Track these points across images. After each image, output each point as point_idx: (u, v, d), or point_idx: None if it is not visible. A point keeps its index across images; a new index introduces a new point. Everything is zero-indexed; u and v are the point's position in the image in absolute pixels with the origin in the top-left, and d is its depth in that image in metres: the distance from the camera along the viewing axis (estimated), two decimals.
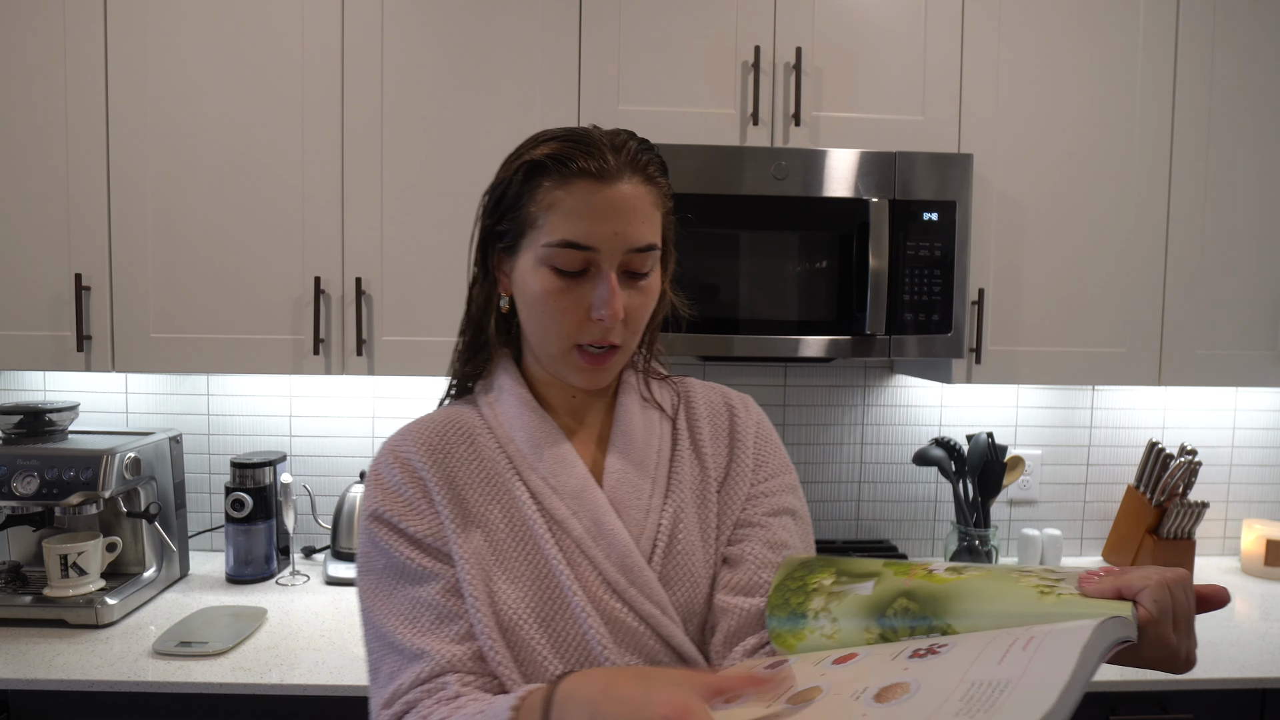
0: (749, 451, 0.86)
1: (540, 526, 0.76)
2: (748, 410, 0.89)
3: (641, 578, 0.75)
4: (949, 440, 1.86)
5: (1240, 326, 1.74)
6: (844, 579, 0.70)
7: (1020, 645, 0.51)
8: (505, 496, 0.78)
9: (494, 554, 0.75)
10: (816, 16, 1.64)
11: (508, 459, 0.80)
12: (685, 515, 0.80)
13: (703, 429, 0.86)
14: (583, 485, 0.78)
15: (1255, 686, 1.40)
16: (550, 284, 0.75)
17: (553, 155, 0.74)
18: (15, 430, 1.64)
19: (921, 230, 1.59)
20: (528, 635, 0.72)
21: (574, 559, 0.75)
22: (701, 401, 0.88)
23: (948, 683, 0.50)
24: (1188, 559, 1.86)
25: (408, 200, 1.62)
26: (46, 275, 1.60)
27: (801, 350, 1.59)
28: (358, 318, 1.61)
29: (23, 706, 1.34)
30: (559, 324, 0.76)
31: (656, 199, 0.77)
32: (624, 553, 0.75)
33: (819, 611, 0.69)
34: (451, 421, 0.82)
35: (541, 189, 0.75)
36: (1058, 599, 0.57)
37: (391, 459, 0.79)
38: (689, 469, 0.83)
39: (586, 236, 0.73)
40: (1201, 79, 1.70)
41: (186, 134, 1.60)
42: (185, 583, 1.76)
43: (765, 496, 0.84)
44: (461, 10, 1.61)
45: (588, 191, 0.73)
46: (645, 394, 0.86)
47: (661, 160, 0.79)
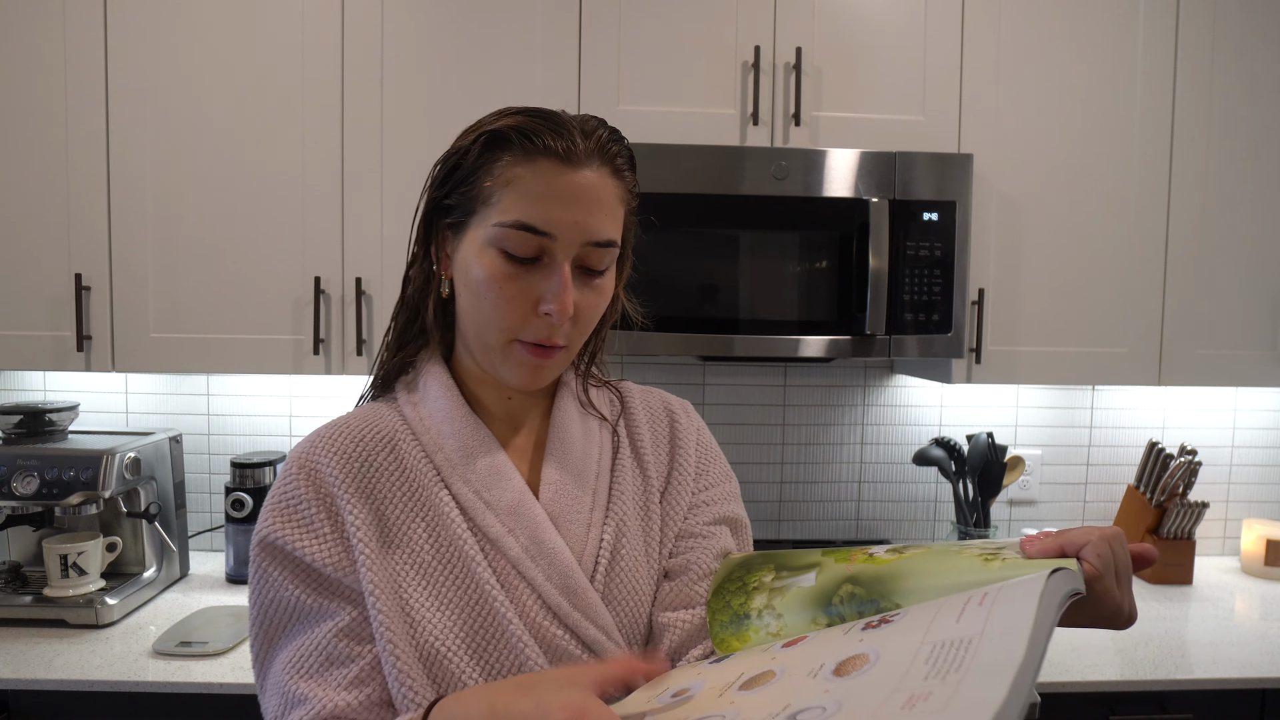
0: (691, 459, 0.81)
1: (471, 546, 0.68)
2: (689, 417, 0.85)
3: (585, 600, 0.69)
4: (949, 440, 1.86)
5: (1240, 326, 1.74)
6: (784, 574, 0.68)
7: (975, 603, 0.49)
8: (431, 512, 0.70)
9: (417, 577, 0.68)
10: (816, 16, 1.64)
11: (434, 469, 0.72)
12: (628, 529, 0.74)
13: (643, 436, 0.81)
14: (519, 499, 0.71)
15: (1255, 686, 1.40)
16: (498, 268, 0.67)
17: (517, 128, 0.67)
18: (15, 430, 1.64)
19: (921, 230, 1.59)
20: (457, 666, 0.65)
21: (509, 581, 0.68)
22: (640, 407, 0.83)
23: (907, 648, 0.47)
24: (1188, 559, 1.86)
25: (408, 200, 1.62)
26: (46, 275, 1.60)
27: (801, 350, 1.59)
28: (358, 318, 1.61)
29: (23, 706, 1.34)
30: (501, 314, 0.68)
31: (622, 194, 0.71)
32: (566, 573, 0.69)
33: (762, 610, 0.66)
34: (370, 424, 0.74)
35: (501, 163, 0.68)
36: (1003, 563, 0.57)
37: (298, 470, 0.70)
38: (630, 478, 0.77)
39: (545, 221, 0.66)
40: (1201, 79, 1.70)
41: (186, 134, 1.60)
42: (185, 583, 1.76)
43: (707, 505, 0.79)
44: (461, 10, 1.61)
45: (551, 172, 0.67)
46: (583, 399, 0.80)
47: (631, 154, 0.73)
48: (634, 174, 0.74)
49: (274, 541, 0.68)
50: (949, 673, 0.42)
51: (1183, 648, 1.50)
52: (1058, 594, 0.48)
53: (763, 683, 0.52)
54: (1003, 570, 0.56)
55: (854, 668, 0.48)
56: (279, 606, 0.68)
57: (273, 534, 0.68)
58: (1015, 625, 0.43)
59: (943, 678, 0.42)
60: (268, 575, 0.68)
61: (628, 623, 0.72)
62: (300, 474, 0.70)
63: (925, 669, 0.43)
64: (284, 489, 0.70)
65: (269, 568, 0.68)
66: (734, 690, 0.53)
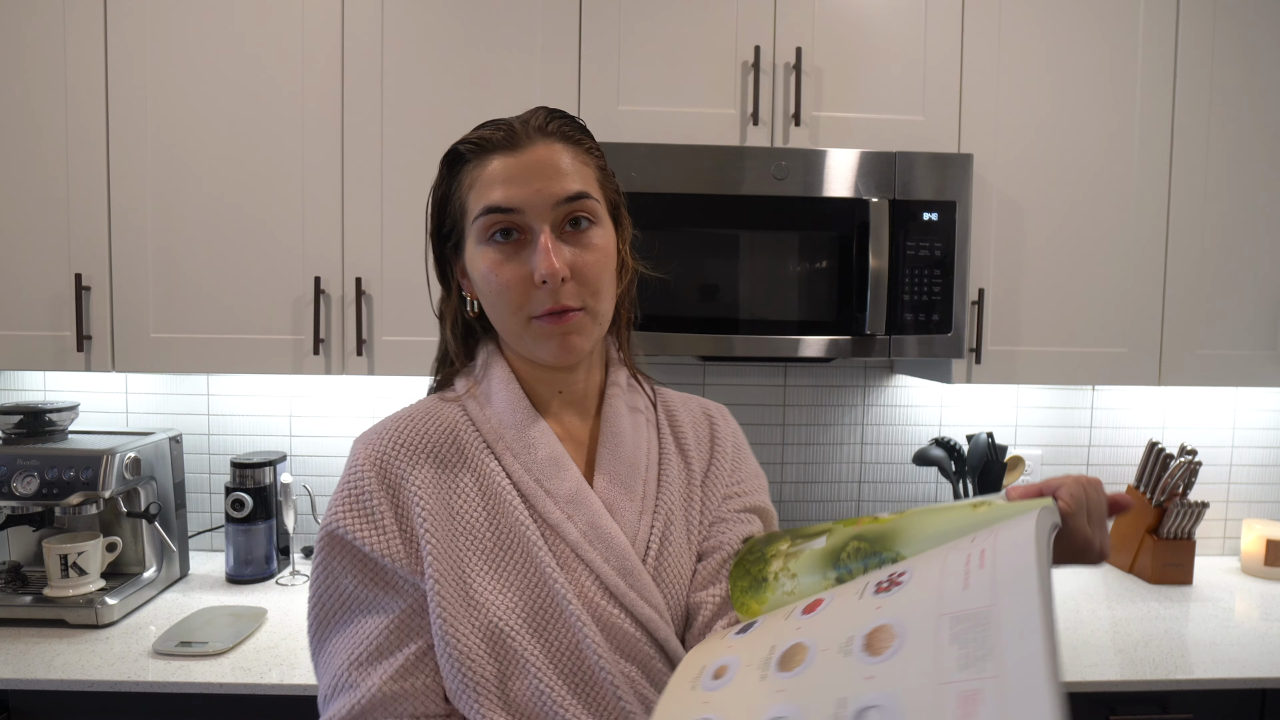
0: (728, 455, 0.87)
1: (532, 531, 0.73)
2: (725, 420, 0.91)
3: (640, 581, 0.74)
4: (949, 440, 1.86)
5: (1240, 326, 1.74)
6: (798, 541, 0.74)
7: (976, 564, 0.52)
8: (492, 499, 0.74)
9: (480, 560, 0.72)
10: (816, 16, 1.64)
11: (495, 458, 0.76)
12: (675, 517, 0.80)
13: (687, 432, 0.87)
14: (577, 489, 0.75)
15: (1255, 686, 1.40)
16: (490, 258, 0.73)
17: (466, 141, 0.76)
18: (15, 430, 1.64)
19: (921, 230, 1.59)
20: (519, 644, 0.69)
21: (568, 564, 0.73)
22: (681, 408, 0.89)
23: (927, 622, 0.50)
24: (1188, 559, 1.86)
25: (408, 200, 1.62)
26: (46, 275, 1.60)
27: (801, 350, 1.59)
28: (358, 318, 1.61)
29: (23, 706, 1.34)
30: (508, 298, 0.73)
31: (579, 155, 0.76)
32: (623, 556, 0.74)
33: (778, 573, 0.72)
34: (433, 416, 0.78)
35: (464, 175, 0.76)
36: (989, 508, 0.63)
37: (366, 461, 0.74)
38: (676, 470, 0.83)
39: (506, 199, 0.72)
40: (1201, 79, 1.70)
41: (186, 134, 1.60)
42: (185, 583, 1.76)
43: (740, 496, 0.85)
44: (461, 10, 1.61)
45: (502, 161, 0.73)
46: (632, 401, 0.85)
47: (579, 124, 0.78)
48: (590, 139, 0.78)
49: (337, 533, 0.72)
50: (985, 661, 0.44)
51: (1183, 648, 1.50)
52: (1044, 531, 0.53)
53: (798, 660, 0.55)
54: (989, 514, 0.62)
55: (884, 643, 0.51)
56: (337, 595, 0.73)
57: (337, 526, 0.72)
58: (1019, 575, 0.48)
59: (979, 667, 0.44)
60: (329, 565, 0.73)
61: (674, 604, 0.76)
62: (368, 465, 0.74)
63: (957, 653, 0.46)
64: (351, 480, 0.74)
65: (330, 558, 0.73)
66: (774, 672, 0.55)
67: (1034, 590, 0.46)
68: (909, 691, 0.46)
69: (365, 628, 0.71)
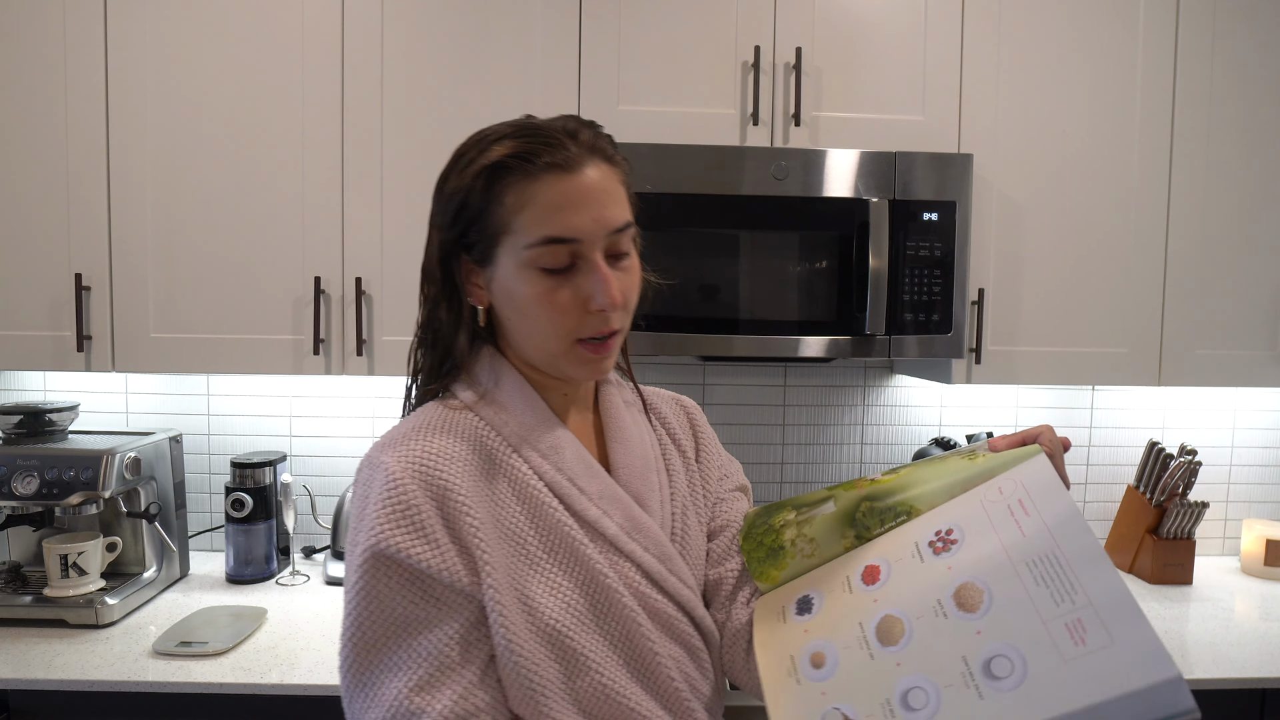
0: (710, 441, 0.94)
1: (575, 529, 0.74)
2: (699, 412, 0.97)
3: (677, 565, 0.78)
4: (949, 440, 1.86)
5: (1240, 326, 1.74)
6: (804, 509, 0.79)
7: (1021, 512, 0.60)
8: (530, 503, 0.74)
9: (528, 566, 0.71)
10: (816, 16, 1.64)
11: (525, 463, 0.75)
12: (687, 502, 0.85)
13: (672, 422, 0.92)
14: (606, 484, 0.78)
15: (1255, 686, 1.40)
16: (541, 285, 0.71)
17: (513, 154, 0.71)
18: (15, 430, 1.64)
19: (921, 230, 1.59)
20: (581, 642, 0.70)
21: (611, 558, 0.75)
22: (659, 401, 0.94)
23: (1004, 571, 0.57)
24: (1188, 559, 1.86)
25: (408, 200, 1.62)
26: (46, 275, 1.60)
27: (801, 350, 1.59)
28: (358, 318, 1.61)
29: (23, 706, 1.34)
30: (557, 324, 0.72)
31: (621, 177, 0.76)
32: (660, 543, 0.78)
33: (795, 539, 0.78)
34: (453, 425, 0.75)
35: (509, 191, 0.71)
36: (986, 459, 0.72)
37: (404, 472, 0.69)
38: (676, 459, 0.88)
39: (567, 229, 0.70)
40: (1201, 79, 1.70)
41: (186, 134, 1.60)
42: (185, 583, 1.76)
43: (729, 477, 0.93)
44: (461, 10, 1.61)
45: (557, 184, 0.70)
46: (625, 396, 0.88)
47: (612, 139, 0.77)
48: (620, 154, 0.78)
49: (385, 551, 0.67)
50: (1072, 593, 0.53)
51: (1183, 648, 1.50)
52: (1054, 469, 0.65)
53: (899, 632, 0.60)
54: (987, 464, 0.71)
55: (975, 599, 0.57)
56: (385, 619, 0.68)
57: (384, 543, 0.67)
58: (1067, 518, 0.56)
59: (1071, 599, 0.53)
60: (373, 589, 0.67)
61: (698, 581, 0.82)
62: (409, 477, 0.69)
63: (1045, 594, 0.54)
64: (396, 496, 0.69)
65: (375, 581, 0.67)
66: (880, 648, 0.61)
67: (1082, 527, 0.55)
68: (1021, 634, 0.53)
69: (422, 649, 0.67)
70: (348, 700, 0.69)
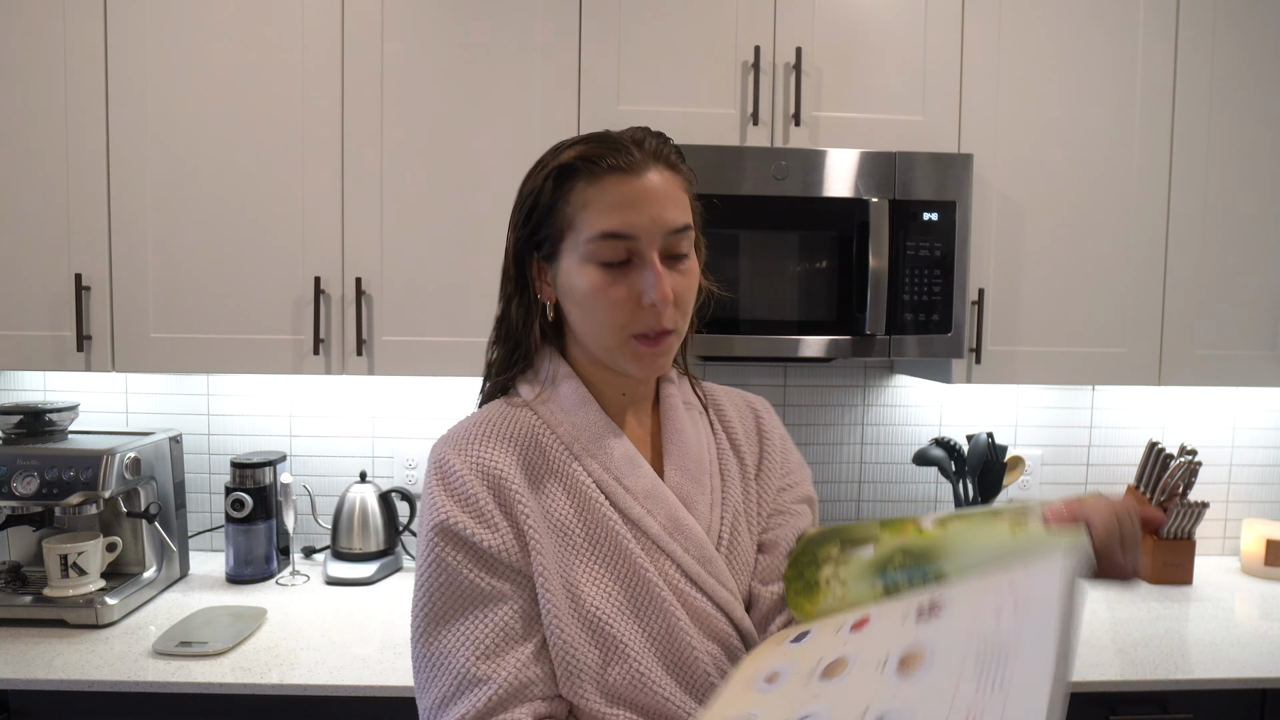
0: (777, 449, 0.92)
1: (620, 525, 0.77)
2: (769, 414, 0.96)
3: (717, 568, 0.79)
4: (949, 440, 1.87)
5: (1240, 326, 1.74)
6: (848, 547, 0.79)
7: (1010, 604, 0.57)
8: (579, 499, 0.78)
9: (574, 556, 0.76)
10: (816, 16, 1.64)
11: (575, 459, 0.80)
12: (739, 508, 0.86)
13: (736, 428, 0.91)
14: (653, 484, 0.80)
15: (1255, 686, 1.40)
16: (597, 279, 0.76)
17: (581, 157, 0.77)
18: (15, 430, 1.64)
19: (921, 230, 1.59)
20: (620, 631, 0.74)
21: (653, 555, 0.77)
22: (728, 403, 0.94)
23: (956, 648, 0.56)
24: (1188, 559, 1.86)
25: (408, 200, 1.62)
26: (46, 275, 1.60)
27: (801, 350, 1.59)
28: (358, 318, 1.61)
29: (23, 706, 1.34)
30: (612, 316, 0.76)
31: (682, 184, 0.80)
32: (701, 545, 0.79)
33: (830, 578, 0.78)
34: (510, 421, 0.81)
35: (575, 190, 0.77)
36: (1027, 534, 0.68)
37: (464, 462, 0.76)
38: (732, 463, 0.88)
39: (624, 226, 0.75)
40: (1201, 79, 1.70)
41: (186, 134, 1.60)
42: (185, 583, 1.76)
43: (791, 488, 0.91)
44: (461, 10, 1.61)
45: (619, 184, 0.75)
46: (686, 397, 0.90)
47: (679, 150, 0.82)
48: (686, 164, 0.83)
49: (451, 527, 0.74)
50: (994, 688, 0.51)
51: (1183, 648, 1.50)
52: (1071, 577, 0.56)
53: (839, 671, 0.62)
54: (1027, 542, 0.67)
55: (914, 665, 0.57)
56: (452, 588, 0.74)
57: (451, 520, 0.74)
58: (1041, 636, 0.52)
59: (989, 692, 0.51)
60: (443, 558, 0.74)
61: (743, 589, 0.83)
62: (471, 471, 0.76)
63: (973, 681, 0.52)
64: (455, 485, 0.76)
65: (445, 551, 0.74)
66: (816, 680, 0.62)
67: (1052, 640, 0.51)
68: (926, 705, 0.53)
69: (490, 618, 0.73)
70: (417, 669, 0.75)
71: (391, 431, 1.97)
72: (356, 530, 1.82)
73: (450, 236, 1.62)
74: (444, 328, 1.63)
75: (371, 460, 1.97)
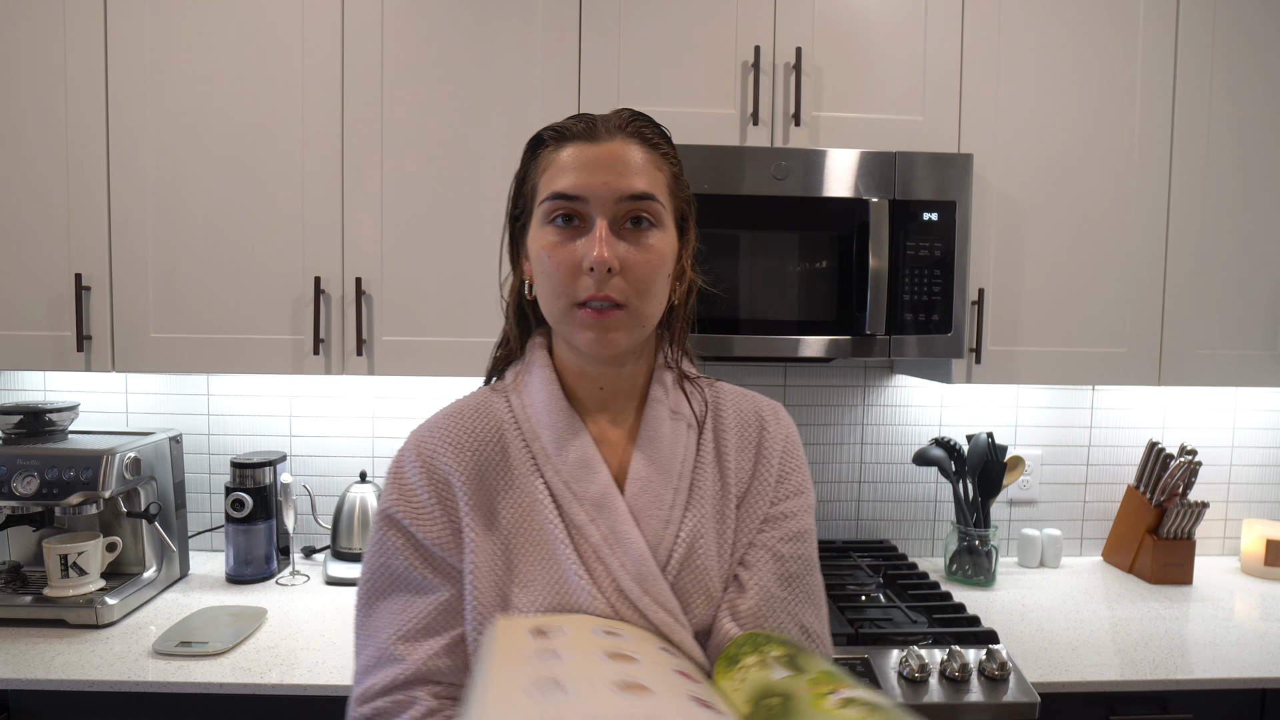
0: (774, 467, 0.83)
1: (559, 531, 0.75)
2: (778, 423, 0.86)
3: (655, 586, 0.74)
4: (949, 440, 1.87)
5: (1240, 326, 1.74)
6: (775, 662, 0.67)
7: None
8: (526, 499, 0.77)
9: (510, 557, 0.76)
10: (816, 16, 1.64)
11: (531, 457, 0.79)
12: (705, 528, 0.78)
13: (729, 440, 0.84)
14: (603, 492, 0.77)
15: (1255, 686, 1.40)
16: (547, 239, 0.75)
17: (551, 128, 0.79)
18: (15, 430, 1.64)
19: (921, 230, 1.59)
20: None
21: (590, 565, 0.75)
22: (731, 411, 0.86)
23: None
24: (1188, 559, 1.86)
25: (408, 200, 1.62)
26: (46, 275, 1.60)
27: (801, 350, 1.59)
28: (358, 318, 1.61)
29: (23, 706, 1.34)
30: (557, 280, 0.75)
31: (653, 158, 0.77)
32: (639, 561, 0.74)
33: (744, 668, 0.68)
34: (480, 413, 0.81)
35: (540, 158, 0.78)
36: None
37: (415, 456, 0.79)
38: (710, 481, 0.81)
39: (574, 186, 0.74)
40: (1201, 79, 1.70)
41: (187, 133, 1.60)
42: (185, 583, 1.76)
43: (784, 519, 0.81)
44: (461, 10, 1.61)
45: (578, 149, 0.76)
46: (675, 405, 0.84)
47: (661, 129, 0.80)
48: (668, 144, 0.80)
49: (394, 515, 0.77)
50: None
51: (1183, 648, 1.50)
52: None
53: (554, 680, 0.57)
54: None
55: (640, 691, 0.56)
56: (389, 571, 0.77)
57: (394, 510, 0.77)
58: None
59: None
60: (386, 540, 0.77)
61: (698, 612, 0.76)
62: (417, 463, 0.78)
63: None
64: (404, 477, 0.78)
65: (386, 535, 0.77)
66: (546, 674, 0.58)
67: None
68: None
69: (414, 606, 0.75)
70: (355, 632, 0.79)
71: (391, 431, 1.97)
72: (356, 530, 1.82)
73: (450, 236, 1.62)
74: (444, 328, 1.63)
75: (371, 460, 1.97)
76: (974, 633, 1.47)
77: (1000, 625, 1.60)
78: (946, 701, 1.32)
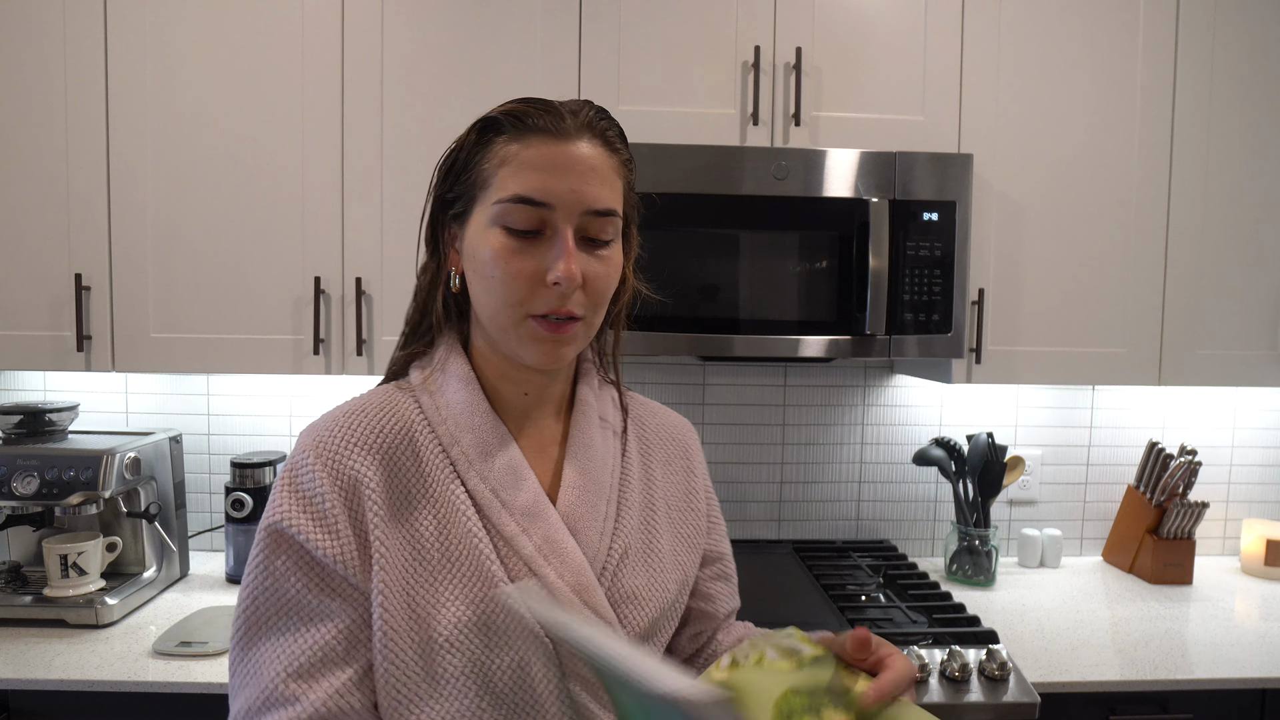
0: (702, 480, 0.89)
1: (483, 542, 0.69)
2: (694, 438, 0.91)
3: (594, 597, 0.70)
4: (949, 440, 1.87)
5: (1240, 326, 1.74)
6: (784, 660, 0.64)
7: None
8: (443, 506, 0.70)
9: (425, 571, 0.68)
10: (816, 16, 1.64)
11: (450, 464, 0.72)
12: (635, 538, 0.77)
13: (654, 452, 0.84)
14: (534, 500, 0.71)
15: (1255, 686, 1.40)
16: (502, 245, 0.68)
17: (508, 112, 0.70)
18: (15, 430, 1.64)
19: (921, 230, 1.59)
20: (449, 663, 0.66)
21: (520, 577, 0.69)
22: (653, 425, 0.86)
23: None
24: (1188, 559, 1.86)
25: (408, 200, 1.62)
26: (46, 275, 1.60)
27: (801, 350, 1.59)
28: (358, 318, 1.61)
29: (23, 706, 1.34)
30: (511, 290, 0.68)
31: (616, 166, 0.73)
32: (578, 571, 0.70)
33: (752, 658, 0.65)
34: (387, 412, 0.73)
35: (495, 145, 0.70)
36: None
37: (316, 458, 0.69)
38: (636, 492, 0.80)
39: (541, 192, 0.68)
40: (1201, 79, 1.70)
41: (187, 134, 1.60)
42: (185, 583, 1.76)
43: (718, 560, 0.89)
44: (461, 10, 1.61)
45: (543, 146, 0.68)
46: (604, 411, 0.82)
47: (621, 131, 0.75)
48: (627, 149, 0.75)
49: (285, 530, 0.67)
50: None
51: (1183, 648, 1.50)
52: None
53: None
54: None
55: None
56: (276, 597, 0.67)
57: (285, 522, 0.67)
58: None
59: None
60: (271, 563, 0.67)
61: (631, 623, 0.74)
62: (319, 463, 0.69)
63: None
64: (301, 478, 0.69)
65: (274, 556, 0.67)
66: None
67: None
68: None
69: (308, 637, 0.66)
70: (230, 673, 0.68)
71: None
72: None
73: None
74: None
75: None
76: (974, 633, 1.47)
77: (1000, 625, 1.60)
78: (946, 701, 1.32)
